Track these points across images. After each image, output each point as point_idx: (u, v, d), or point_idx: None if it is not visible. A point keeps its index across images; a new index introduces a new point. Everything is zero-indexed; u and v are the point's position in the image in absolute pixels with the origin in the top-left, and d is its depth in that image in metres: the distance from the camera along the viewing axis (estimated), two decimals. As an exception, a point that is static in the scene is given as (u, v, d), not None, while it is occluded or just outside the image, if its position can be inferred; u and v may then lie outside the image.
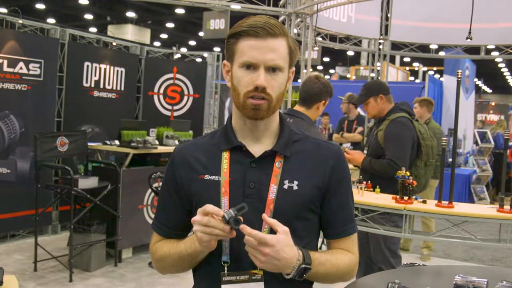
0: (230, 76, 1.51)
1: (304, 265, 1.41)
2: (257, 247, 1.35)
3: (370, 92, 4.18)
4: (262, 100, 1.45)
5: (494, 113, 18.28)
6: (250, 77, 1.45)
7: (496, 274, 2.03)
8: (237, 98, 1.49)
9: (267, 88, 1.44)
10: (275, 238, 1.36)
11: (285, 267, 1.39)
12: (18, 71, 5.97)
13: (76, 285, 4.90)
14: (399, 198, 3.74)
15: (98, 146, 5.93)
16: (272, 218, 1.41)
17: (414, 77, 26.02)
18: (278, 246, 1.36)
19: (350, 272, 1.58)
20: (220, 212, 1.35)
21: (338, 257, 1.54)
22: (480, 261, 6.79)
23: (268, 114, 1.49)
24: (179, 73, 8.00)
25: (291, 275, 1.41)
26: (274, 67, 1.45)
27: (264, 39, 1.44)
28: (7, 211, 5.95)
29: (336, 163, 1.57)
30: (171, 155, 1.62)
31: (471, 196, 10.54)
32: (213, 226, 1.35)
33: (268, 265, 1.38)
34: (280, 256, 1.36)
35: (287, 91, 6.16)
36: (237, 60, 1.47)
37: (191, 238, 1.49)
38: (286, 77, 1.50)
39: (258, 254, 1.36)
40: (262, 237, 1.36)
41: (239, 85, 1.47)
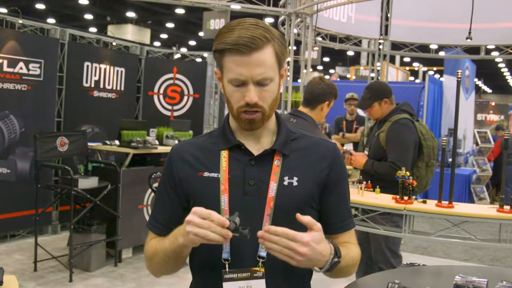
0: (222, 84, 1.51)
1: (336, 259, 1.41)
2: (292, 246, 1.31)
3: (375, 97, 4.15)
4: (256, 113, 1.46)
5: (494, 113, 18.26)
6: (241, 93, 1.45)
7: (496, 274, 2.03)
8: (231, 111, 1.50)
9: (258, 102, 1.44)
10: (309, 236, 1.34)
11: (320, 262, 1.38)
12: (18, 71, 5.97)
13: (76, 285, 4.90)
14: (399, 198, 3.74)
15: (98, 146, 5.93)
16: (307, 216, 1.37)
17: (414, 77, 26.02)
18: (313, 243, 1.33)
19: (358, 263, 1.60)
20: (226, 222, 1.32)
21: (349, 250, 1.54)
22: (480, 261, 6.79)
23: (263, 123, 1.50)
24: (179, 73, 8.00)
25: (323, 269, 1.41)
26: (263, 80, 1.44)
27: (249, 55, 1.41)
28: (7, 211, 5.95)
29: (334, 159, 1.58)
30: (169, 154, 1.62)
31: (471, 196, 10.55)
32: (213, 231, 1.32)
33: (304, 264, 1.35)
34: (317, 253, 1.34)
35: (287, 91, 6.16)
36: (226, 75, 1.47)
37: (173, 234, 1.46)
38: (277, 82, 1.50)
39: (295, 255, 1.32)
40: (295, 234, 1.32)
41: (231, 99, 1.48)
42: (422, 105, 10.83)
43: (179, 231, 1.42)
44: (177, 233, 1.44)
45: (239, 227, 1.33)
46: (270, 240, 1.33)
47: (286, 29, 6.83)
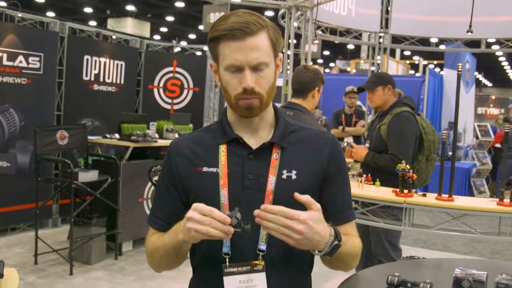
0: (219, 76, 1.52)
1: (336, 242, 1.40)
2: (288, 224, 1.31)
3: (380, 81, 4.17)
4: (253, 99, 1.46)
5: (494, 106, 18.26)
6: (237, 80, 1.45)
7: (495, 267, 2.04)
8: (229, 100, 1.50)
9: (255, 87, 1.44)
10: (306, 214, 1.33)
11: (320, 243, 1.37)
12: (18, 65, 5.96)
13: (76, 278, 4.92)
14: (399, 192, 3.74)
15: (98, 140, 5.93)
16: (305, 195, 1.37)
17: (414, 71, 26.01)
18: (311, 221, 1.33)
19: (359, 255, 1.59)
20: (228, 220, 1.32)
21: (350, 239, 1.54)
22: (479, 254, 6.80)
23: (261, 110, 1.50)
24: (179, 66, 7.99)
25: (323, 252, 1.39)
26: (259, 65, 1.44)
27: (243, 40, 1.42)
28: (7, 204, 5.96)
29: (332, 151, 1.58)
30: (168, 149, 1.61)
31: (471, 189, 10.56)
32: (215, 227, 1.31)
33: (302, 243, 1.34)
34: (314, 232, 1.34)
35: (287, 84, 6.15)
36: (222, 63, 1.47)
37: (174, 230, 1.46)
38: (273, 69, 1.50)
39: (292, 233, 1.31)
40: (291, 212, 1.32)
41: (228, 88, 1.48)
42: (422, 99, 10.83)
43: (179, 227, 1.42)
44: (177, 229, 1.44)
45: (240, 223, 1.33)
46: (266, 218, 1.32)
47: (286, 22, 6.82)
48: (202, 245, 1.51)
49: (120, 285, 4.83)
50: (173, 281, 4.90)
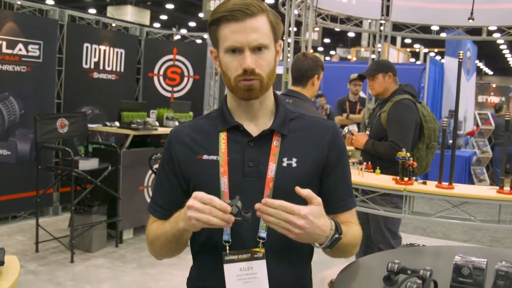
0: (219, 61, 1.51)
1: (337, 235, 1.41)
2: (289, 218, 1.31)
3: (381, 68, 4.17)
4: (253, 80, 1.45)
5: (495, 95, 18.23)
6: (238, 61, 1.45)
7: (495, 254, 2.04)
8: (229, 83, 1.49)
9: (255, 69, 1.44)
10: (307, 209, 1.33)
11: (320, 237, 1.37)
12: (17, 53, 5.94)
13: (77, 265, 4.93)
14: (399, 179, 3.74)
15: (98, 128, 5.93)
16: (306, 190, 1.37)
17: (415, 59, 25.93)
18: (311, 216, 1.33)
19: (359, 243, 1.60)
20: (228, 208, 1.32)
21: (351, 228, 1.54)
22: (479, 242, 6.83)
23: (261, 92, 1.49)
24: (179, 54, 7.97)
25: (323, 245, 1.40)
26: (259, 46, 1.44)
27: (244, 21, 1.43)
28: (8, 192, 5.97)
29: (333, 138, 1.57)
30: (168, 137, 1.61)
31: (471, 177, 10.58)
32: (215, 216, 1.31)
33: (303, 237, 1.34)
34: (315, 227, 1.34)
35: (287, 72, 6.13)
36: (222, 46, 1.47)
37: (174, 218, 1.46)
38: (274, 52, 1.50)
39: (293, 227, 1.32)
40: (292, 207, 1.32)
41: (228, 71, 1.47)
42: (423, 87, 10.81)
43: (180, 215, 1.42)
44: (177, 217, 1.44)
45: (241, 211, 1.33)
46: (267, 212, 1.33)
47: (286, 9, 6.78)
48: (202, 233, 1.51)
49: (121, 272, 4.85)
50: (173, 268, 4.92)
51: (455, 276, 1.65)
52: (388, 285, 1.70)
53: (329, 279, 4.71)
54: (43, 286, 4.43)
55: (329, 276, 4.79)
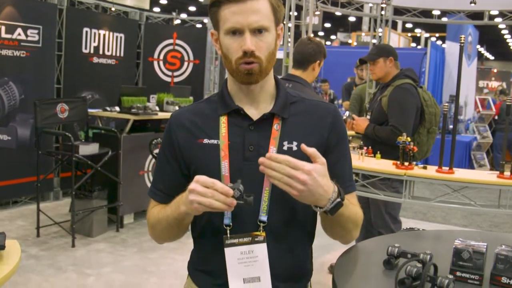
0: (219, 44, 1.50)
1: (339, 199, 1.38)
2: (292, 173, 1.30)
3: (381, 52, 4.15)
4: (253, 64, 1.44)
5: (496, 80, 18.19)
6: (238, 43, 1.43)
7: (495, 238, 2.05)
8: (229, 65, 1.48)
9: (255, 51, 1.43)
10: (311, 165, 1.32)
11: (322, 198, 1.35)
12: (17, 38, 5.92)
13: (78, 250, 4.96)
14: (399, 164, 3.75)
15: (98, 113, 5.92)
16: (312, 148, 1.35)
17: (416, 44, 25.82)
18: (315, 173, 1.31)
19: (359, 224, 1.58)
20: (230, 192, 1.31)
21: (352, 205, 1.53)
22: (478, 227, 6.85)
23: (261, 76, 1.48)
24: (179, 38, 7.93)
25: (324, 208, 1.37)
26: (259, 28, 1.43)
27: (244, 2, 1.41)
28: (8, 177, 5.98)
29: (333, 121, 1.56)
30: (168, 121, 1.60)
31: (471, 162, 10.59)
32: (217, 200, 1.31)
33: (305, 195, 1.32)
34: (318, 184, 1.32)
35: (288, 56, 6.11)
36: (222, 28, 1.46)
37: (175, 202, 1.46)
38: (274, 35, 1.49)
39: (295, 183, 1.30)
40: (297, 162, 1.30)
41: (228, 53, 1.46)
42: (424, 72, 10.78)
43: (181, 199, 1.42)
44: (179, 201, 1.44)
45: (243, 195, 1.33)
46: (270, 167, 1.31)
47: (287, -7, 6.73)
48: (203, 217, 1.51)
49: (122, 257, 4.87)
50: (174, 253, 4.94)
51: (455, 260, 1.66)
52: (388, 269, 1.71)
53: (329, 264, 4.74)
54: (45, 270, 4.45)
55: (329, 260, 4.82)
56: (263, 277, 1.46)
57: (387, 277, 1.64)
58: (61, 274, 4.40)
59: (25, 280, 4.22)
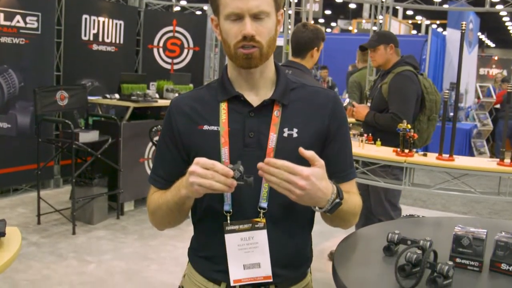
0: (219, 29, 1.49)
1: (338, 200, 1.39)
2: (291, 179, 1.30)
3: (382, 39, 4.13)
4: (253, 48, 1.43)
5: (497, 67, 18.14)
6: (237, 28, 1.42)
7: (495, 225, 2.06)
8: (228, 50, 1.47)
9: (255, 35, 1.42)
10: (309, 170, 1.32)
11: (321, 200, 1.36)
12: (15, 25, 5.88)
13: (79, 237, 4.97)
14: (399, 151, 3.75)
15: (98, 100, 5.90)
16: (310, 151, 1.35)
17: (416, 31, 25.71)
18: (313, 178, 1.32)
19: (359, 213, 1.58)
20: (230, 172, 1.31)
21: (351, 197, 1.53)
22: (478, 214, 6.86)
23: (261, 61, 1.47)
24: (179, 25, 7.89)
25: (324, 209, 1.38)
26: (260, 13, 1.42)
27: None
28: (9, 165, 5.98)
29: (334, 108, 1.56)
30: (168, 107, 1.60)
31: (471, 150, 10.59)
32: (218, 181, 1.31)
33: (304, 198, 1.33)
34: (317, 188, 1.32)
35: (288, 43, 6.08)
36: (222, 13, 1.45)
37: (176, 186, 1.46)
38: (275, 21, 1.48)
39: (294, 188, 1.30)
40: (295, 167, 1.31)
41: (228, 37, 1.45)
42: (424, 59, 10.75)
43: (182, 182, 1.42)
44: (179, 185, 1.43)
45: (243, 175, 1.32)
46: (269, 172, 1.31)
47: (287, -20, 6.69)
48: (203, 203, 1.52)
49: (122, 244, 4.89)
50: (175, 240, 4.95)
51: (455, 246, 1.66)
52: (388, 256, 1.71)
53: (329, 251, 4.75)
54: (46, 257, 4.47)
55: (328, 247, 4.83)
56: (263, 263, 1.47)
57: (387, 263, 1.65)
58: (62, 261, 4.42)
59: (26, 267, 4.24)
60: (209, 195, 1.37)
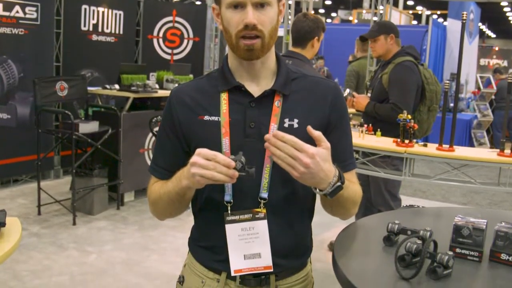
0: (220, 18, 1.48)
1: (339, 183, 1.38)
2: (296, 154, 1.29)
3: (382, 29, 4.12)
4: (255, 39, 1.42)
5: (497, 58, 18.08)
6: (239, 16, 1.41)
7: (495, 216, 2.06)
8: (230, 40, 1.46)
9: (257, 24, 1.41)
10: (315, 149, 1.32)
11: (323, 181, 1.35)
12: (15, 15, 5.86)
13: (79, 228, 4.98)
14: (400, 141, 3.75)
15: (98, 91, 5.90)
16: (317, 131, 1.35)
17: (417, 21, 25.63)
18: (318, 157, 1.31)
19: (359, 202, 1.58)
20: (232, 163, 1.30)
21: (352, 184, 1.53)
22: (478, 205, 6.88)
23: (262, 52, 1.46)
24: (179, 16, 7.86)
25: (324, 191, 1.38)
26: (262, 2, 1.41)
27: None
28: (9, 156, 5.98)
29: (334, 99, 1.55)
30: (169, 97, 1.59)
31: (471, 141, 10.59)
32: (219, 172, 1.30)
33: (306, 177, 1.32)
34: (320, 169, 1.32)
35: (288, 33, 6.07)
36: (224, 1, 1.44)
37: (177, 176, 1.46)
38: (276, 11, 1.47)
39: (298, 164, 1.30)
40: (302, 144, 1.30)
41: (229, 26, 1.44)
42: (425, 49, 10.71)
43: (183, 173, 1.42)
44: (180, 176, 1.43)
45: (245, 166, 1.32)
46: (275, 145, 1.31)
47: (287, -30, 6.66)
48: (203, 193, 1.52)
49: (122, 234, 4.90)
50: (175, 230, 4.97)
51: (455, 236, 1.67)
52: (388, 246, 1.72)
53: (329, 241, 4.76)
54: (46, 248, 4.48)
55: (328, 238, 4.85)
56: (263, 254, 1.47)
57: (387, 253, 1.65)
58: (63, 252, 4.43)
59: (26, 257, 4.25)
60: (210, 185, 1.38)
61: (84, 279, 3.96)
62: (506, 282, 1.51)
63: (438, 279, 1.46)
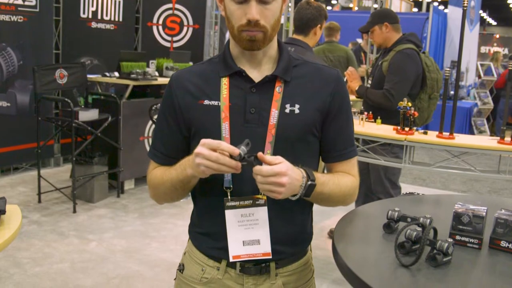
0: (224, 5, 1.47)
1: (309, 182, 1.39)
2: (274, 180, 1.31)
3: (375, 20, 4.12)
4: (257, 31, 1.42)
5: (498, 45, 18.02)
6: (242, 10, 1.40)
7: (495, 203, 2.06)
8: (232, 30, 1.46)
9: (260, 20, 1.40)
10: (284, 166, 1.33)
11: (297, 188, 1.37)
12: (13, 2, 5.83)
13: (80, 216, 4.99)
14: (400, 129, 3.74)
15: (98, 78, 5.88)
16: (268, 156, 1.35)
17: (417, 8, 25.51)
18: (290, 171, 1.33)
19: (352, 194, 1.58)
20: (236, 151, 1.31)
21: (340, 178, 1.54)
22: (478, 192, 6.89)
23: (264, 44, 1.46)
24: (178, 3, 7.81)
25: (299, 195, 1.39)
26: None
27: None
28: (9, 144, 5.98)
29: (336, 86, 1.54)
30: (169, 82, 1.58)
31: (472, 129, 10.58)
32: (223, 163, 1.31)
33: (287, 193, 1.35)
34: (293, 179, 1.34)
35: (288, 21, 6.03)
36: None
37: (181, 164, 1.46)
38: (280, 3, 1.46)
39: (277, 187, 1.32)
40: (277, 169, 1.31)
41: (232, 18, 1.43)
42: (426, 37, 10.67)
43: (188, 162, 1.42)
44: (185, 164, 1.44)
45: (244, 157, 1.32)
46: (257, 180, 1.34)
47: (287, -43, 6.62)
48: (204, 179, 1.51)
49: (123, 222, 4.91)
50: (175, 218, 4.97)
51: (454, 223, 1.67)
52: (388, 233, 1.72)
53: (329, 229, 4.77)
54: (47, 235, 4.49)
55: (328, 226, 4.86)
56: (262, 240, 1.47)
57: (387, 241, 1.65)
58: (63, 239, 4.44)
59: (27, 245, 4.27)
60: None
61: (84, 267, 3.98)
62: (506, 269, 1.51)
63: (438, 266, 1.46)
